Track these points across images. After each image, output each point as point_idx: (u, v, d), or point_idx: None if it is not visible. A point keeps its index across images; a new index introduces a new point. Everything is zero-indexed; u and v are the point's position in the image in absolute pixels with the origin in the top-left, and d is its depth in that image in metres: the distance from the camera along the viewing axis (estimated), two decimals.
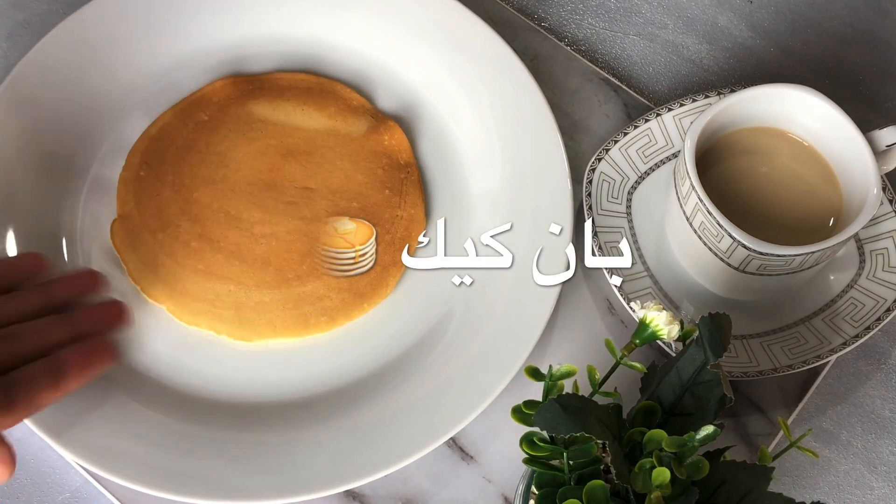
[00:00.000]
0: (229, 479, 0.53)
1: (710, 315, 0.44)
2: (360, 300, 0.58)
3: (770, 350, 0.57)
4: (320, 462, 0.53)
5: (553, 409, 0.40)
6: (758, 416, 0.58)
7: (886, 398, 0.59)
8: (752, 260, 0.52)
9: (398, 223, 0.59)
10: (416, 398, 0.55)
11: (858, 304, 0.58)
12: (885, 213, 0.59)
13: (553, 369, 0.44)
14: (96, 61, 0.63)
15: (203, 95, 0.62)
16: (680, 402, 0.44)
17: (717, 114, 0.54)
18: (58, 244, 0.59)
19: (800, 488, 0.57)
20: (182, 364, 0.57)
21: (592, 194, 0.60)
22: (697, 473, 0.40)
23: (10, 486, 0.56)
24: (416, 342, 0.58)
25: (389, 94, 0.64)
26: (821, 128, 0.55)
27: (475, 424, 0.56)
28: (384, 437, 0.54)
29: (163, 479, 0.52)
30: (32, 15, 0.68)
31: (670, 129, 0.62)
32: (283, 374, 0.57)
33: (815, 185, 0.56)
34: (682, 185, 0.54)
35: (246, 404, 0.56)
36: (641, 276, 0.59)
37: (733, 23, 0.70)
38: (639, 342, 0.46)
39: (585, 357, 0.58)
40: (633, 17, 0.70)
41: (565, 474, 0.43)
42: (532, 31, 0.68)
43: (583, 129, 0.65)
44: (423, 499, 0.55)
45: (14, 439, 0.57)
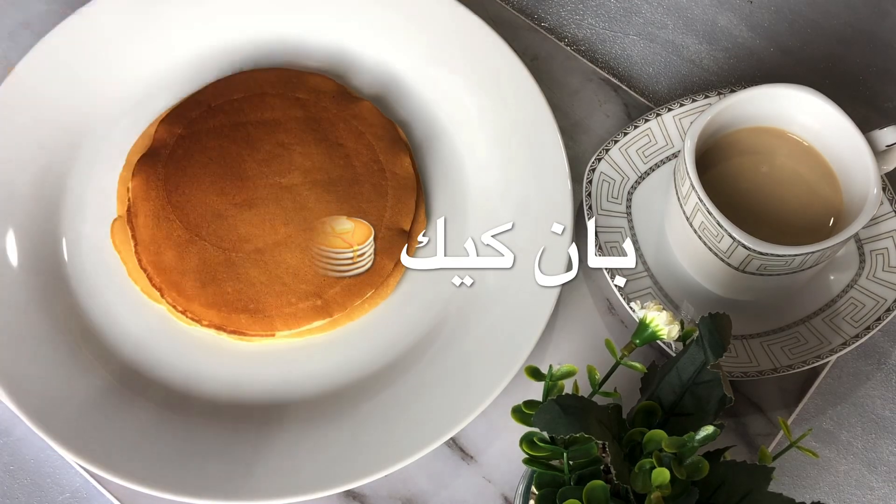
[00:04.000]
0: (229, 479, 0.53)
1: (710, 315, 0.44)
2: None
3: (770, 350, 0.57)
4: (320, 462, 0.53)
5: (553, 409, 0.40)
6: (758, 416, 0.58)
7: (886, 398, 0.59)
8: (752, 260, 0.52)
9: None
10: (416, 398, 0.55)
11: (858, 304, 0.58)
12: (885, 213, 0.59)
13: (553, 369, 0.44)
14: (96, 61, 0.63)
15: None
16: (680, 403, 0.44)
17: (717, 114, 0.54)
18: (58, 244, 0.59)
19: (800, 488, 0.57)
20: (182, 364, 0.57)
21: (592, 194, 0.60)
22: (697, 474, 0.40)
23: (10, 486, 0.56)
24: (415, 342, 0.58)
25: (389, 95, 0.64)
26: (821, 128, 0.55)
27: (475, 424, 0.56)
28: (384, 437, 0.54)
29: (163, 479, 0.52)
30: (32, 15, 0.68)
31: (670, 129, 0.62)
32: (284, 374, 0.57)
33: (815, 185, 0.56)
34: (682, 185, 0.54)
35: (246, 404, 0.56)
36: (641, 276, 0.59)
37: (733, 23, 0.70)
38: (639, 342, 0.46)
39: (585, 357, 0.58)
40: (633, 17, 0.70)
41: (565, 474, 0.43)
42: (532, 31, 0.68)
43: (583, 129, 0.65)
44: (423, 499, 0.55)
45: (14, 439, 0.57)
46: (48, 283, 0.58)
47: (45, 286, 0.58)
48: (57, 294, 0.58)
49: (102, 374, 0.56)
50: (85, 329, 0.57)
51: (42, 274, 0.58)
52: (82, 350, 0.57)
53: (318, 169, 0.59)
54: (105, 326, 0.58)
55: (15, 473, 0.56)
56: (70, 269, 0.59)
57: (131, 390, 0.56)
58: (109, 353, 0.57)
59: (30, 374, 0.55)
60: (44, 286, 0.58)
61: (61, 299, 0.58)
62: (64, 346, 0.56)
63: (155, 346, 0.57)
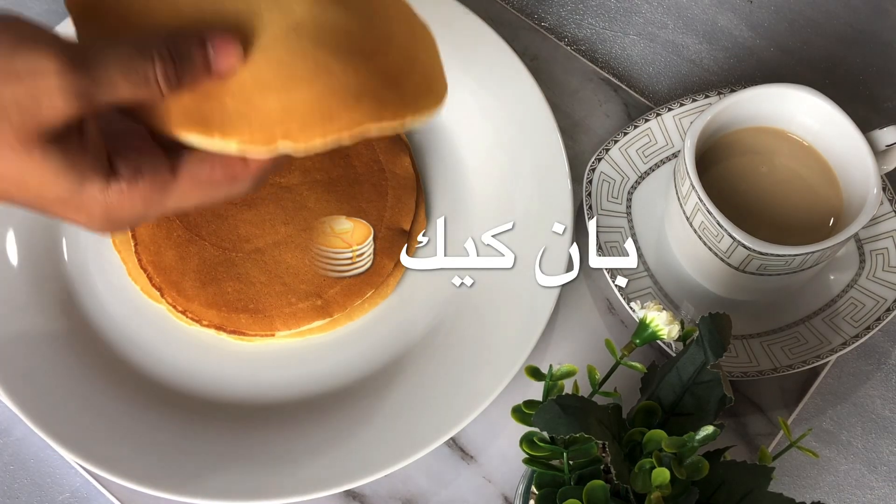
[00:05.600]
0: (229, 479, 0.53)
1: (710, 315, 0.44)
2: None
3: (770, 350, 0.57)
4: (320, 462, 0.53)
5: (553, 409, 0.40)
6: (758, 416, 0.58)
7: (886, 398, 0.59)
8: (752, 260, 0.52)
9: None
10: (416, 398, 0.55)
11: (858, 304, 0.58)
12: (885, 213, 0.59)
13: (553, 369, 0.44)
14: None
15: None
16: (680, 402, 0.44)
17: (717, 114, 0.54)
18: (58, 244, 0.59)
19: (800, 488, 0.57)
20: (182, 364, 0.57)
21: (592, 194, 0.60)
22: (697, 474, 0.40)
23: (10, 486, 0.56)
24: (415, 342, 0.58)
25: None
26: (821, 128, 0.55)
27: (475, 424, 0.56)
28: (384, 437, 0.54)
29: (163, 479, 0.52)
30: (32, 15, 0.68)
31: (670, 129, 0.62)
32: (283, 374, 0.57)
33: (815, 185, 0.56)
34: (682, 185, 0.54)
35: (246, 404, 0.56)
36: (641, 276, 0.59)
37: (733, 23, 0.70)
38: (639, 342, 0.46)
39: (585, 357, 0.58)
40: (633, 17, 0.70)
41: (565, 474, 0.43)
42: (532, 31, 0.68)
43: (583, 129, 0.65)
44: (423, 499, 0.55)
45: (14, 439, 0.57)
46: (48, 283, 0.58)
47: (45, 286, 0.58)
48: (57, 294, 0.58)
49: (102, 374, 0.56)
50: (85, 329, 0.57)
51: (42, 274, 0.58)
52: (82, 350, 0.57)
53: (318, 169, 0.59)
54: (105, 326, 0.58)
55: (15, 473, 0.56)
56: (70, 269, 0.59)
57: (131, 390, 0.56)
58: (109, 354, 0.57)
59: (30, 374, 0.55)
60: (44, 286, 0.58)
61: (61, 299, 0.58)
62: (64, 346, 0.56)
63: (155, 346, 0.57)
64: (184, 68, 0.38)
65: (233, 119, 0.39)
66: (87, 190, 0.37)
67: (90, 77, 0.35)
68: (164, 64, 0.37)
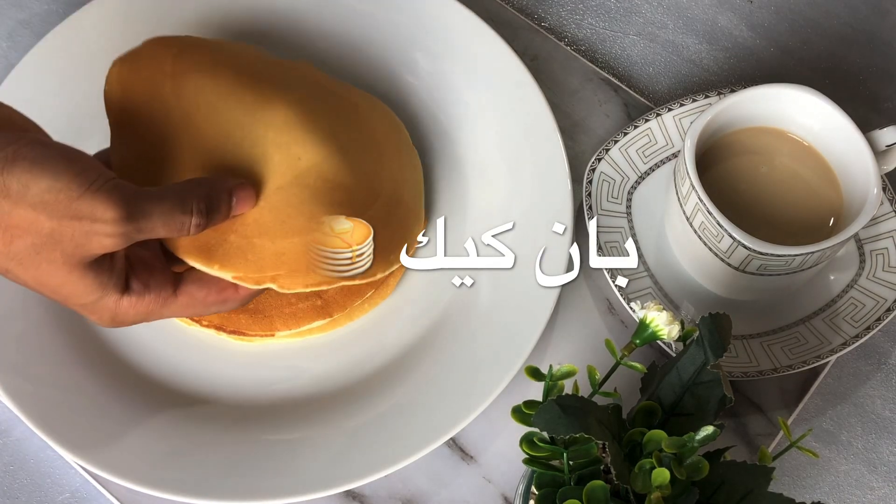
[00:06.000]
0: (229, 479, 0.53)
1: (710, 315, 0.44)
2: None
3: (770, 350, 0.57)
4: (320, 462, 0.53)
5: (553, 409, 0.40)
6: (758, 416, 0.58)
7: (886, 398, 0.59)
8: (753, 260, 0.52)
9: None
10: (416, 398, 0.55)
11: (858, 304, 0.58)
12: (885, 213, 0.59)
13: (553, 369, 0.44)
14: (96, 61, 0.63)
15: None
16: (680, 403, 0.44)
17: (717, 114, 0.54)
18: None
19: (800, 488, 0.57)
20: (182, 364, 0.57)
21: (592, 194, 0.60)
22: (697, 474, 0.40)
23: (10, 486, 0.56)
24: (415, 342, 0.58)
25: (389, 94, 0.64)
26: (821, 128, 0.55)
27: (475, 424, 0.56)
28: (384, 437, 0.54)
29: (163, 479, 0.52)
30: (32, 15, 0.68)
31: (670, 129, 0.62)
32: (284, 374, 0.57)
33: (815, 185, 0.56)
34: (682, 185, 0.54)
35: (246, 404, 0.56)
36: (641, 276, 0.59)
37: (733, 23, 0.70)
38: (639, 342, 0.46)
39: (585, 357, 0.58)
40: (633, 17, 0.70)
41: (565, 474, 0.43)
42: (532, 31, 0.68)
43: (583, 129, 0.65)
44: (423, 499, 0.55)
45: (14, 439, 0.57)
46: None
47: None
48: None
49: (102, 374, 0.56)
50: (85, 329, 0.57)
51: None
52: (82, 350, 0.57)
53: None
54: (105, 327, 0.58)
55: (15, 473, 0.56)
56: None
57: (131, 390, 0.56)
58: (109, 354, 0.57)
59: (30, 374, 0.55)
60: None
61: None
62: (64, 347, 0.56)
63: (155, 346, 0.57)
64: (213, 218, 0.47)
65: (231, 255, 0.48)
66: (105, 301, 0.45)
67: (137, 226, 0.43)
68: (199, 218, 0.46)
